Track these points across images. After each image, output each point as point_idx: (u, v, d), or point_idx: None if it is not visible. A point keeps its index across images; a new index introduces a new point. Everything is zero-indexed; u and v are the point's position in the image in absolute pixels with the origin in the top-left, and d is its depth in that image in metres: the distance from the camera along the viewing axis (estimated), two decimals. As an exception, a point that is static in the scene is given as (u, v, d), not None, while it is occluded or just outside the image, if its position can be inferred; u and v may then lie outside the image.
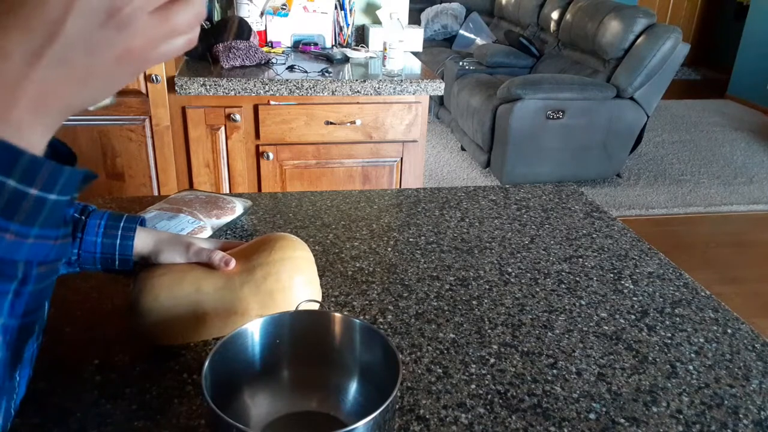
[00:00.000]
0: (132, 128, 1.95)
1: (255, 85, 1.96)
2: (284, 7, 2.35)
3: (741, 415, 0.71)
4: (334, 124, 2.08)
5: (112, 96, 0.40)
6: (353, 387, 0.67)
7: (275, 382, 0.68)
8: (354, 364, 0.67)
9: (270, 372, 0.67)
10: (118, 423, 0.66)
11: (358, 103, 2.08)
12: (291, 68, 2.10)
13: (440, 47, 5.18)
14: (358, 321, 0.67)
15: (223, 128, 2.02)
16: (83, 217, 0.77)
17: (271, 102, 2.02)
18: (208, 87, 1.93)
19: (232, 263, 0.76)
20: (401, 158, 2.20)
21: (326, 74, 2.05)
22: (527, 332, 0.84)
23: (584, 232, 1.16)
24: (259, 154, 2.09)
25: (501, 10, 5.36)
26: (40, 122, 0.36)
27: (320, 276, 0.92)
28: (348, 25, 2.46)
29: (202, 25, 2.20)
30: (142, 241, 0.78)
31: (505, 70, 4.35)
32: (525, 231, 1.15)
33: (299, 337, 0.68)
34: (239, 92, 1.95)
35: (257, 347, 0.65)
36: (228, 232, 1.08)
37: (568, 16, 4.16)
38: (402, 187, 2.24)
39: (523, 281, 0.97)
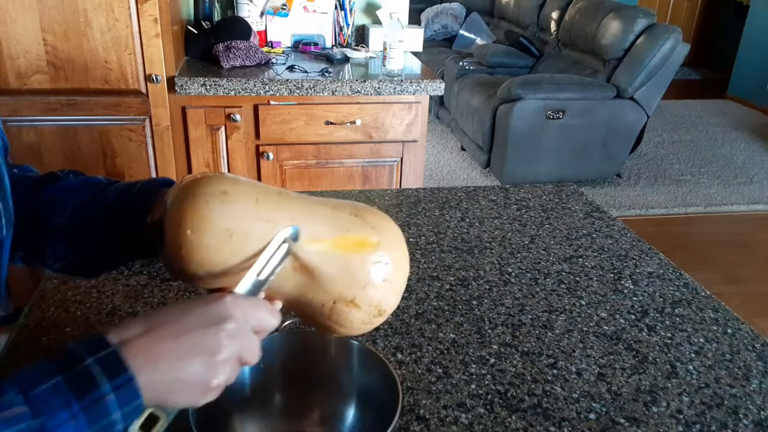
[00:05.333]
0: (132, 128, 1.95)
1: (255, 85, 1.96)
2: (284, 7, 2.35)
3: (741, 415, 0.71)
4: (334, 124, 2.08)
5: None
6: (350, 413, 0.65)
7: (267, 407, 0.65)
8: (351, 388, 0.65)
9: (261, 397, 0.64)
10: (119, 423, 0.65)
11: (358, 103, 2.08)
12: (291, 68, 2.10)
13: (440, 47, 5.18)
14: (355, 343, 0.65)
15: (223, 128, 2.02)
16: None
17: (271, 102, 2.02)
18: (208, 87, 1.93)
19: None
20: (401, 158, 2.20)
21: (326, 74, 2.05)
22: (527, 332, 0.84)
23: (584, 232, 1.16)
24: (259, 154, 2.09)
25: (501, 10, 5.36)
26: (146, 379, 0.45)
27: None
28: (348, 25, 2.46)
29: (202, 25, 2.21)
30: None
31: (505, 70, 4.35)
32: (525, 231, 1.15)
33: (292, 360, 0.65)
34: (239, 92, 1.95)
35: (246, 371, 0.63)
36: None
37: (567, 17, 4.16)
38: (402, 187, 2.23)
39: (523, 281, 0.97)
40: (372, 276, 0.57)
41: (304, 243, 0.55)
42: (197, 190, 0.53)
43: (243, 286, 0.52)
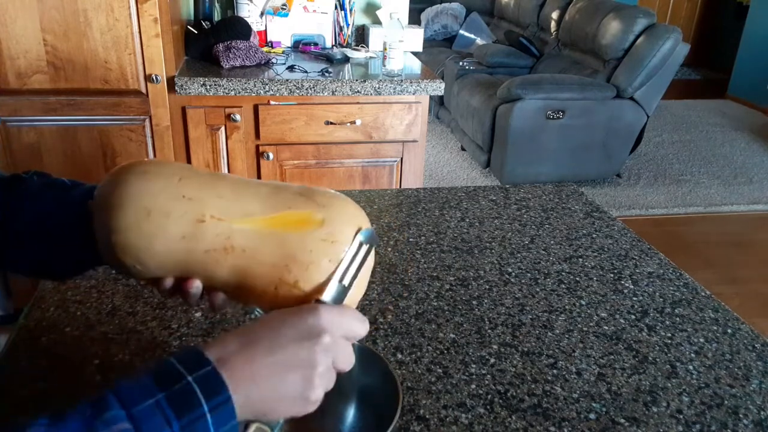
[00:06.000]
0: (132, 128, 1.95)
1: (255, 85, 1.96)
2: (284, 7, 2.35)
3: (741, 415, 0.71)
4: (334, 124, 2.08)
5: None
6: (350, 413, 0.65)
7: None
8: (351, 388, 0.65)
9: None
10: (119, 423, 0.65)
11: (358, 103, 2.08)
12: (291, 68, 2.11)
13: (440, 47, 5.18)
14: (355, 343, 0.65)
15: (223, 128, 2.02)
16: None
17: (271, 102, 2.02)
18: (208, 87, 1.93)
19: None
20: (401, 158, 2.20)
21: (326, 74, 2.05)
22: (527, 332, 0.84)
23: (584, 232, 1.16)
24: (259, 154, 2.09)
25: (501, 10, 5.36)
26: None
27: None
28: (348, 25, 2.46)
29: (202, 25, 2.21)
30: None
31: (505, 70, 4.35)
32: (525, 231, 1.15)
33: None
34: (239, 92, 1.96)
35: None
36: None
37: (567, 16, 4.16)
38: (402, 187, 2.24)
39: (523, 281, 0.97)
40: (316, 256, 0.51)
41: (234, 221, 0.51)
42: (118, 171, 0.53)
43: (328, 293, 0.51)
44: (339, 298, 0.52)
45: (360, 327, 0.52)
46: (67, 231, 0.61)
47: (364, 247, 0.53)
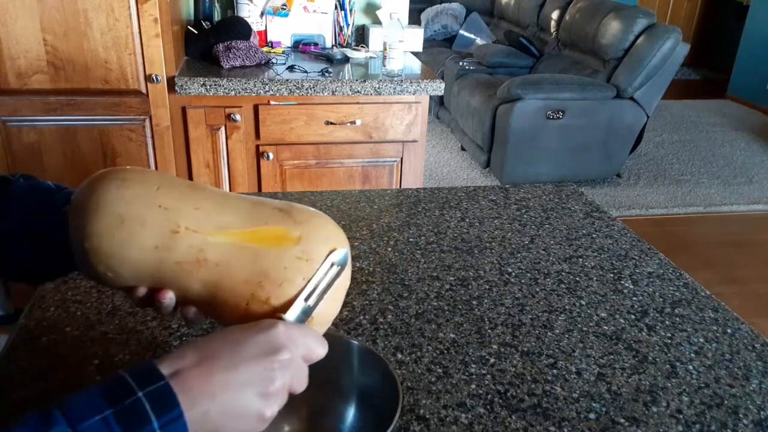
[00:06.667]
0: (132, 128, 1.95)
1: (255, 85, 1.96)
2: (284, 7, 2.35)
3: (741, 415, 0.71)
4: (334, 124, 2.08)
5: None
6: (350, 413, 0.65)
7: None
8: (351, 388, 0.65)
9: None
10: (119, 423, 0.65)
11: (358, 103, 2.08)
12: (291, 68, 2.11)
13: (440, 47, 5.18)
14: (355, 343, 0.64)
15: (223, 128, 2.02)
16: None
17: (271, 102, 2.02)
18: (208, 87, 1.93)
19: None
20: (401, 158, 2.20)
21: (326, 74, 2.06)
22: (527, 332, 0.84)
23: (584, 232, 1.16)
24: (259, 154, 2.09)
25: (501, 10, 5.36)
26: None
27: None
28: (348, 25, 2.46)
29: (202, 26, 2.21)
30: None
31: (505, 70, 4.35)
32: (525, 231, 1.15)
33: None
34: (239, 92, 1.96)
35: None
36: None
37: (567, 16, 4.16)
38: (402, 187, 2.24)
39: (523, 281, 0.97)
40: (290, 273, 0.51)
41: (209, 234, 0.51)
42: (97, 177, 0.53)
43: (292, 312, 0.51)
44: (302, 318, 0.51)
45: (319, 348, 0.51)
46: (56, 233, 0.61)
47: (335, 268, 0.52)
